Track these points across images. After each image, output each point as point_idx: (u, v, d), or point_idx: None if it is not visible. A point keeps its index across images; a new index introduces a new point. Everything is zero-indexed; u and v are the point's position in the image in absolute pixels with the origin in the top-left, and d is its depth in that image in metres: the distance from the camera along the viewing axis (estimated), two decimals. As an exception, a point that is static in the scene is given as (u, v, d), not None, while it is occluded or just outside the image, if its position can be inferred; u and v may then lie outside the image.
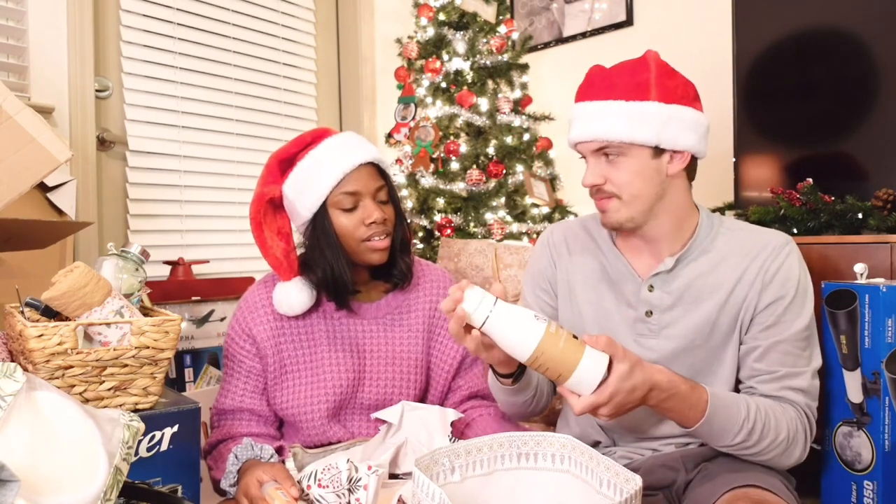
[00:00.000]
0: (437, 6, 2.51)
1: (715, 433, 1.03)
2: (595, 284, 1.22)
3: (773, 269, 1.10)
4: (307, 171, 1.22)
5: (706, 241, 1.16)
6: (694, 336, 1.13)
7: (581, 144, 1.14)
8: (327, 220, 1.21)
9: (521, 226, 2.36)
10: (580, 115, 1.13)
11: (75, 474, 0.74)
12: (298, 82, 2.70)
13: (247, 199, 2.46)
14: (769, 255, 1.11)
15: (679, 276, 1.15)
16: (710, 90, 2.39)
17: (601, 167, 1.12)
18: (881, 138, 1.68)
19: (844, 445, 1.14)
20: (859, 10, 1.72)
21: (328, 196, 1.20)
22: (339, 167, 1.19)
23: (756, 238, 1.15)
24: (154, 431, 1.03)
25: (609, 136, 1.09)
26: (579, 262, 1.25)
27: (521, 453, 0.93)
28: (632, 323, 1.17)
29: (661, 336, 1.15)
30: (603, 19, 2.65)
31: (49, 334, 0.98)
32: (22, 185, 1.21)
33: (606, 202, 1.13)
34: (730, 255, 1.14)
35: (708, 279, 1.14)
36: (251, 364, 1.26)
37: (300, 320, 1.27)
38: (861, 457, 1.12)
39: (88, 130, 2.00)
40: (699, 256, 1.15)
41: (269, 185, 1.26)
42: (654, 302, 1.15)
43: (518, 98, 2.53)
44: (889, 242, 1.46)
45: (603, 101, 1.11)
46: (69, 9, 1.95)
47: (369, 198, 1.21)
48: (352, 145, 1.23)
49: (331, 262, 1.21)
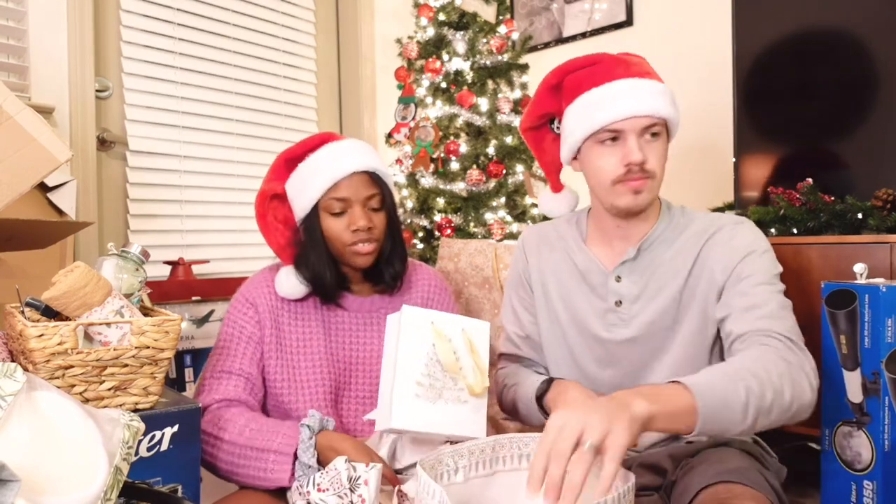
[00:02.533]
0: (437, 6, 2.51)
1: (719, 418, 0.89)
2: (566, 280, 1.26)
3: (726, 238, 1.14)
4: (304, 173, 1.28)
5: (664, 226, 1.20)
6: (661, 319, 1.16)
7: (630, 120, 1.11)
8: (317, 221, 1.27)
9: (521, 226, 2.36)
10: (629, 90, 1.11)
11: (75, 474, 0.74)
12: (298, 82, 2.70)
13: (247, 199, 2.48)
14: (722, 230, 1.15)
15: (642, 262, 1.19)
16: (710, 90, 2.41)
17: (643, 145, 1.12)
18: (881, 138, 1.68)
19: (844, 445, 1.14)
20: (859, 10, 1.72)
21: (320, 199, 1.26)
22: (332, 173, 1.25)
23: (711, 220, 1.19)
24: (154, 431, 1.03)
25: (662, 113, 1.12)
26: (551, 260, 1.30)
27: (523, 454, 0.94)
28: (602, 314, 1.21)
29: (630, 325, 1.18)
30: (603, 19, 2.65)
31: (49, 334, 0.98)
32: (22, 185, 1.21)
33: (644, 182, 1.12)
34: (688, 239, 1.18)
35: (671, 263, 1.17)
36: (252, 330, 1.29)
37: (297, 306, 1.31)
38: (861, 457, 1.12)
39: (88, 130, 2.00)
40: (660, 243, 1.19)
41: (273, 182, 1.32)
42: (622, 291, 1.19)
43: (518, 98, 2.53)
44: (889, 242, 1.46)
45: (648, 79, 1.13)
46: (69, 9, 1.95)
47: (358, 205, 1.25)
48: (348, 153, 1.27)
49: (315, 262, 1.27)
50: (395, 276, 1.34)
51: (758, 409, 0.90)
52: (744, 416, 0.89)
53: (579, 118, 1.15)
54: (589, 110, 1.13)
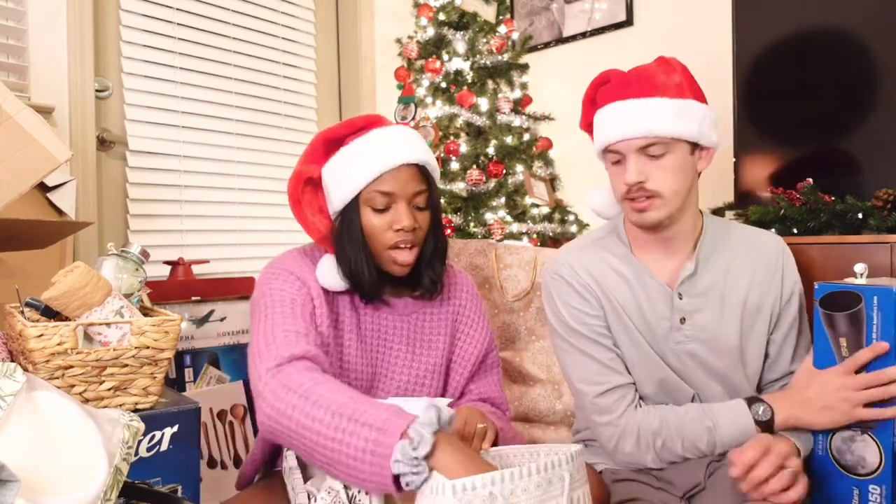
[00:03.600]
0: (437, 6, 2.51)
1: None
2: (633, 304, 1.23)
3: (788, 267, 1.23)
4: (348, 159, 1.15)
5: (713, 240, 1.22)
6: (726, 335, 1.20)
7: (624, 143, 1.14)
8: (356, 215, 1.14)
9: (521, 226, 2.36)
10: (621, 113, 1.14)
11: (75, 474, 0.74)
12: (298, 82, 2.70)
13: (247, 199, 2.48)
14: (777, 255, 1.23)
15: (701, 277, 1.20)
16: (710, 90, 2.39)
17: (643, 165, 1.14)
18: (881, 138, 1.68)
19: (844, 450, 1.12)
20: (859, 10, 1.72)
21: (362, 191, 1.13)
22: (379, 163, 1.12)
23: (756, 237, 1.25)
24: (154, 431, 1.03)
25: (659, 132, 1.12)
26: (613, 286, 1.23)
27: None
28: (668, 332, 1.21)
29: (696, 340, 1.20)
30: (603, 19, 2.65)
31: (49, 334, 0.98)
32: (22, 185, 1.21)
33: (648, 201, 1.15)
34: (737, 252, 1.22)
35: (727, 277, 1.20)
36: (305, 302, 1.10)
37: (332, 301, 1.18)
38: (865, 461, 1.10)
39: (88, 130, 2.00)
40: (711, 255, 1.21)
41: (310, 164, 1.18)
42: (685, 308, 1.20)
43: (518, 98, 2.53)
44: (889, 242, 1.46)
45: (647, 98, 1.13)
46: (69, 9, 1.95)
47: (404, 202, 1.13)
48: (399, 141, 1.15)
49: (352, 258, 1.14)
50: (434, 280, 1.22)
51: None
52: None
53: (595, 137, 1.22)
54: (596, 131, 1.20)
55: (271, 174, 2.54)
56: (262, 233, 2.51)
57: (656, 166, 1.13)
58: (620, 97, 1.15)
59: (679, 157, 1.14)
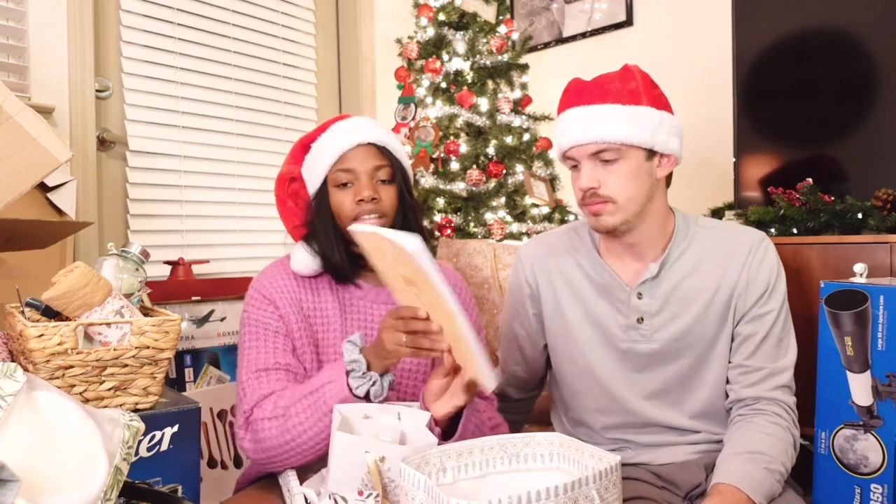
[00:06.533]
0: (437, 6, 2.51)
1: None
2: (583, 294, 1.26)
3: (755, 266, 1.17)
4: (316, 151, 1.27)
5: (684, 243, 1.21)
6: (683, 337, 1.19)
7: (576, 149, 1.17)
8: (326, 197, 1.24)
9: (521, 226, 2.36)
10: (573, 120, 1.16)
11: (75, 474, 0.74)
12: (298, 82, 2.70)
13: (247, 199, 2.48)
14: (748, 254, 1.18)
15: (664, 280, 1.20)
16: (710, 90, 2.41)
17: (596, 171, 1.15)
18: (881, 138, 1.68)
19: (846, 449, 1.13)
20: (859, 10, 1.72)
21: (328, 173, 1.23)
22: (339, 146, 1.23)
23: (732, 238, 1.21)
24: (154, 431, 1.03)
25: (608, 138, 1.12)
26: (563, 273, 1.29)
27: (512, 455, 0.94)
28: (624, 330, 1.22)
29: (652, 340, 1.20)
30: (603, 19, 2.65)
31: (49, 334, 0.98)
32: (22, 185, 1.21)
33: (601, 206, 1.16)
34: (707, 255, 1.20)
35: (692, 281, 1.19)
36: (277, 325, 1.23)
37: (315, 282, 1.27)
38: (868, 460, 1.10)
39: (88, 130, 2.00)
40: (679, 259, 1.21)
41: (291, 166, 1.30)
42: (643, 308, 1.20)
43: (518, 98, 2.53)
44: (889, 242, 1.46)
45: (598, 104, 1.14)
46: (69, 9, 1.95)
47: (365, 175, 1.22)
48: (356, 126, 1.26)
49: (322, 237, 1.23)
50: None
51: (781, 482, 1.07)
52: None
53: (554, 144, 1.27)
54: (555, 138, 1.23)
55: (271, 174, 2.53)
56: (262, 233, 2.51)
57: (609, 172, 1.14)
58: (575, 104, 1.17)
59: (632, 164, 1.14)
